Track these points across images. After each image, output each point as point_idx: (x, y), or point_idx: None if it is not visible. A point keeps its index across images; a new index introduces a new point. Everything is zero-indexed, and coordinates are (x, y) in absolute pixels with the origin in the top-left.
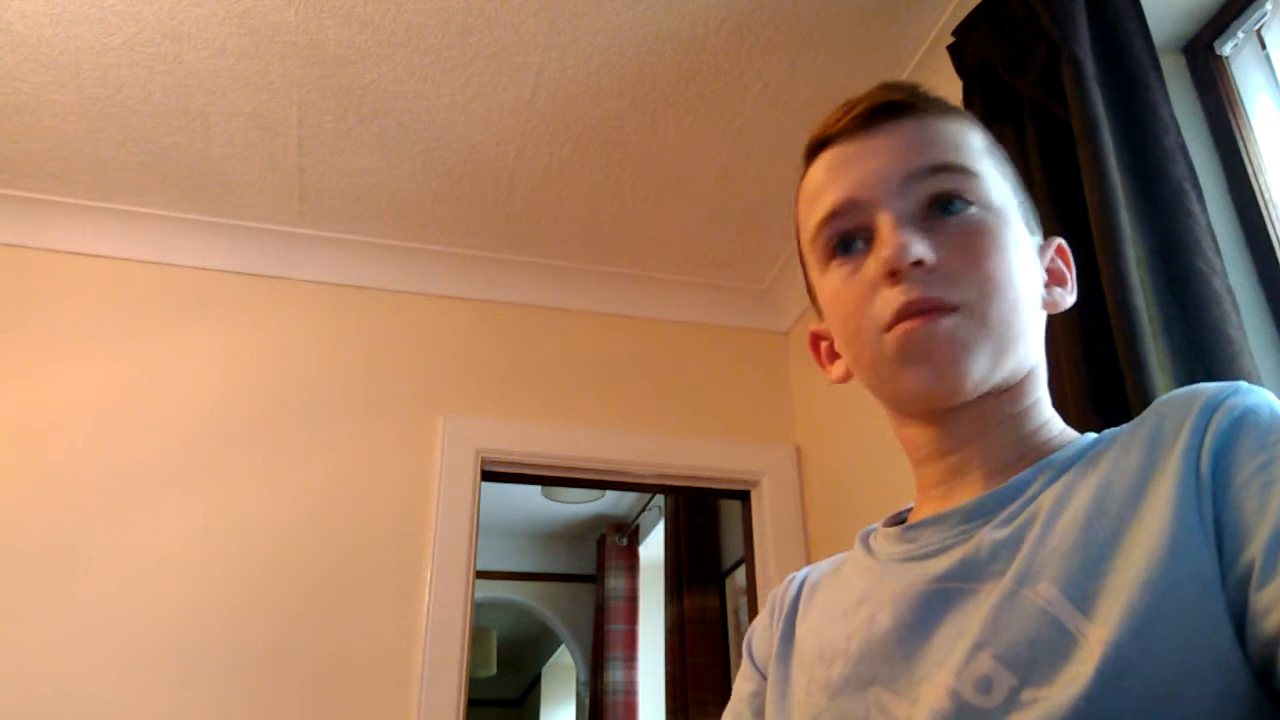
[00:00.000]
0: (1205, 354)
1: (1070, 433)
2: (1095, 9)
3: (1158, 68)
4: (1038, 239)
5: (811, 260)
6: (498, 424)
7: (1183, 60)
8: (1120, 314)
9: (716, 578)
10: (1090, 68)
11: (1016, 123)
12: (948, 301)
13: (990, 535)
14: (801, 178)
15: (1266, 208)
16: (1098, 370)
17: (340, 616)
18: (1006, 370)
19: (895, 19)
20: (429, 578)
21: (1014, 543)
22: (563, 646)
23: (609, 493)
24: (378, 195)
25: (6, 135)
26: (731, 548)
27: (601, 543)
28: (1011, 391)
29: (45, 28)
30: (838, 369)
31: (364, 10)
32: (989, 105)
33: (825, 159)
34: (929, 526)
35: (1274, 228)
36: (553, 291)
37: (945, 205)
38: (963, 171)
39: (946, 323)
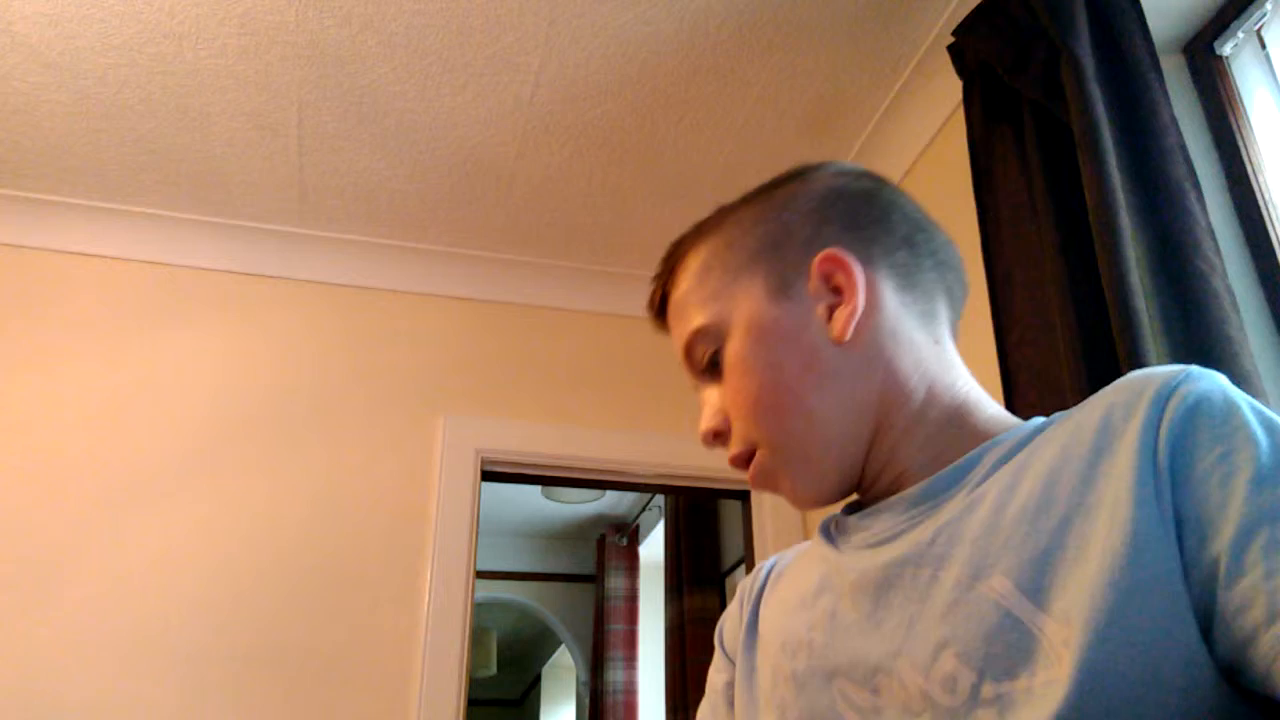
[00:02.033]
0: (1205, 354)
1: (1007, 417)
2: (1095, 9)
3: (1158, 68)
4: (802, 275)
5: None
6: (498, 424)
7: (1183, 60)
8: (1120, 314)
9: (716, 578)
10: (1090, 68)
11: (1016, 123)
12: (747, 450)
13: (936, 519)
14: None
15: (1266, 208)
16: (1098, 370)
17: (340, 616)
18: (829, 457)
19: (895, 19)
20: (429, 578)
21: (958, 524)
22: (563, 646)
23: (609, 493)
24: (378, 195)
25: (6, 135)
26: (731, 548)
27: (601, 543)
28: (878, 431)
29: (45, 28)
30: None
31: (364, 10)
32: (989, 105)
33: None
34: (882, 513)
35: (1274, 228)
36: (553, 291)
37: (708, 369)
38: (694, 339)
39: (755, 465)
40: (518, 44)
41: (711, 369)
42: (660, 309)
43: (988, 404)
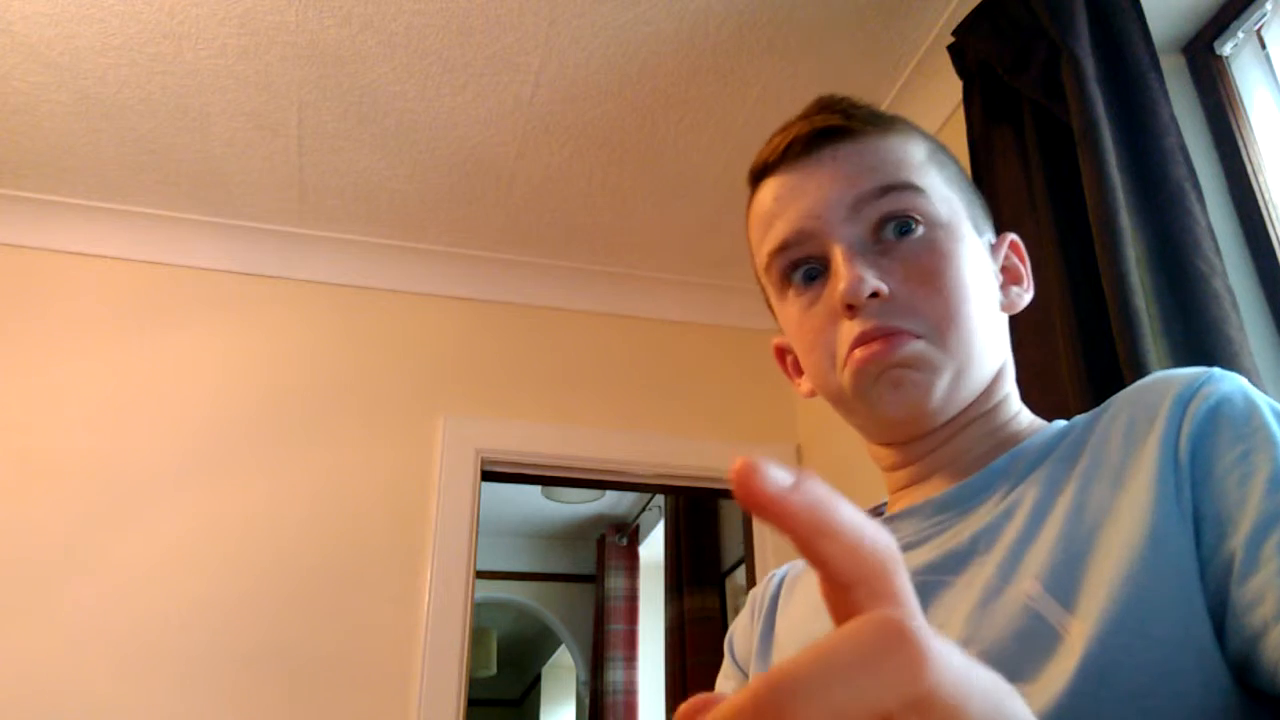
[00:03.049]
0: (1205, 354)
1: (1037, 421)
2: (1095, 9)
3: (1158, 68)
4: (989, 237)
5: (768, 287)
6: (498, 424)
7: (1183, 60)
8: (1120, 314)
9: (716, 578)
10: (1090, 68)
11: (1016, 123)
12: (906, 329)
13: (967, 526)
14: (749, 202)
15: (1266, 208)
16: (1098, 370)
17: (340, 616)
18: (970, 388)
19: (895, 19)
20: (429, 578)
21: (992, 533)
22: (563, 646)
23: (609, 493)
24: (378, 195)
25: (6, 135)
26: (731, 548)
27: (601, 543)
28: (978, 397)
29: (45, 28)
30: (805, 384)
31: (364, 10)
32: (989, 105)
33: (771, 186)
34: (905, 519)
35: (1274, 228)
36: (553, 291)
37: (895, 227)
38: (908, 189)
39: (907, 348)
40: (518, 44)
41: (893, 231)
42: (832, 131)
43: (1028, 413)
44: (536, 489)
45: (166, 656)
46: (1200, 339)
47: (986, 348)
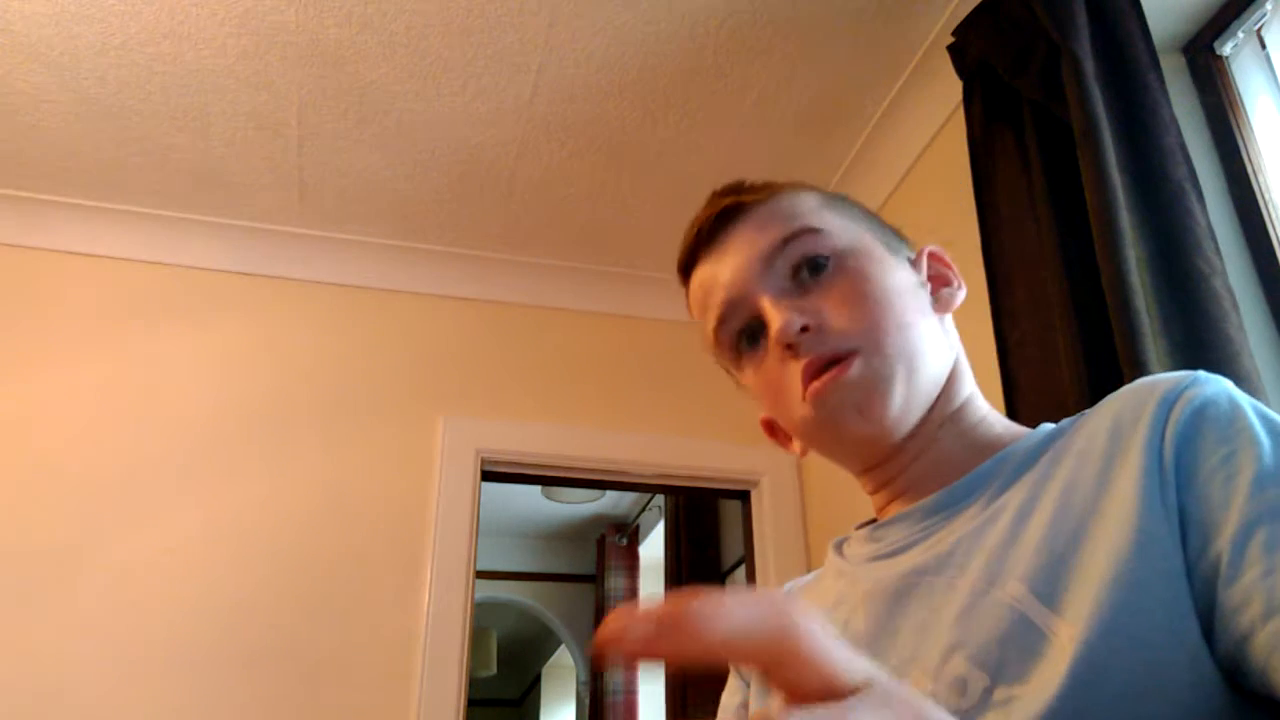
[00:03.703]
0: (1205, 354)
1: (1015, 426)
2: (1095, 9)
3: (1158, 68)
4: (906, 255)
5: (726, 364)
6: (498, 424)
7: (1183, 60)
8: (1120, 314)
9: (716, 578)
10: (1090, 68)
11: (1016, 123)
12: (845, 350)
13: (953, 529)
14: (686, 300)
15: (1266, 208)
16: (1098, 370)
17: (341, 616)
18: (925, 388)
19: (895, 19)
20: (429, 578)
21: (977, 536)
22: (563, 646)
23: (609, 493)
24: (378, 195)
25: (6, 135)
26: (731, 548)
27: (601, 543)
28: (939, 400)
29: (45, 28)
30: (796, 445)
31: (364, 10)
32: (989, 105)
33: (696, 277)
34: (894, 524)
35: (1274, 228)
36: (553, 291)
37: (808, 266)
38: (807, 232)
39: (851, 369)
40: (518, 44)
41: (807, 271)
42: (728, 212)
43: (1000, 415)
44: (536, 489)
45: (166, 655)
46: (1200, 339)
47: (928, 345)
